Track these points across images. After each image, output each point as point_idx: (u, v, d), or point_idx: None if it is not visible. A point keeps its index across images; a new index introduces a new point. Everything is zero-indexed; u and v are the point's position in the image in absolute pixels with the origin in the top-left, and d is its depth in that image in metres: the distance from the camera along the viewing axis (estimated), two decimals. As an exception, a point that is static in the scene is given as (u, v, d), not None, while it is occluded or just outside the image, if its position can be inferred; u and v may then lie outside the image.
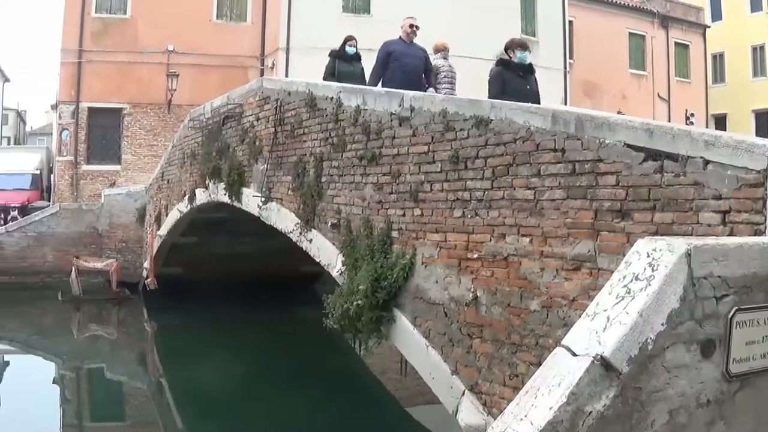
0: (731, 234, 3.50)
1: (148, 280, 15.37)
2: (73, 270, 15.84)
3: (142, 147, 21.72)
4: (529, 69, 7.84)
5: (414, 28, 8.98)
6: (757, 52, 33.13)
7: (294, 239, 8.48)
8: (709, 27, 32.66)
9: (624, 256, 2.67)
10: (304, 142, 8.37)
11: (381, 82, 8.57)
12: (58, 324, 15.72)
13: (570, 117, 4.61)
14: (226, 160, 10.93)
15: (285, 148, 8.90)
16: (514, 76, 7.53)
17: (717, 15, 34.25)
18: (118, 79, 21.26)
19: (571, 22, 25.44)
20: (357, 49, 9.59)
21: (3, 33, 75.47)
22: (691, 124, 26.24)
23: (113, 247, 17.27)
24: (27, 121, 56.72)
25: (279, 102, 9.11)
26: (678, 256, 2.40)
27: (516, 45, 7.87)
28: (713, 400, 2.49)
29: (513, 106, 5.20)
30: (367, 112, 6.95)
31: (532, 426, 2.19)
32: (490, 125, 5.24)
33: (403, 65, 8.64)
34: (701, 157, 3.72)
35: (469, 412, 5.25)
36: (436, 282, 5.74)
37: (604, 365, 2.25)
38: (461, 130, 5.54)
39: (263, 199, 9.37)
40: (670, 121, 25.95)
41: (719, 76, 34.15)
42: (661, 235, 3.76)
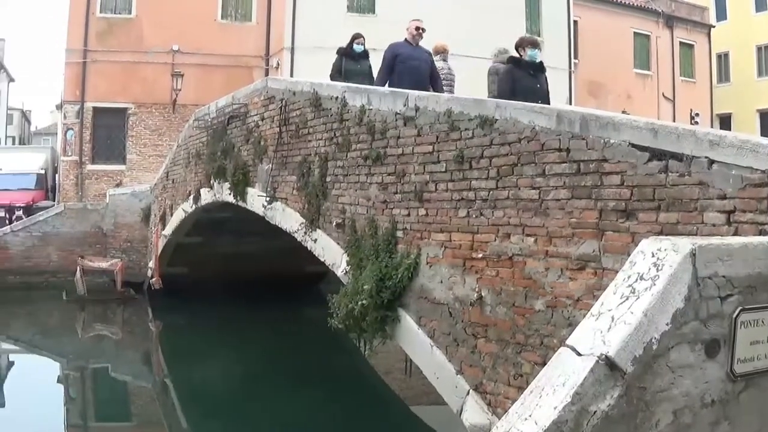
0: (736, 234, 3.49)
1: (153, 279, 15.40)
2: (77, 270, 15.86)
3: (147, 147, 21.78)
4: (539, 67, 7.74)
5: (420, 31, 8.85)
6: (762, 51, 33.04)
7: (299, 239, 8.47)
8: (713, 26, 32.60)
9: (629, 255, 2.66)
10: (309, 141, 8.37)
11: (387, 85, 8.52)
12: (62, 324, 15.72)
13: (575, 117, 4.60)
14: (231, 159, 10.94)
15: (290, 148, 8.90)
16: (524, 75, 7.46)
17: (722, 15, 34.21)
18: (123, 78, 21.31)
19: (576, 22, 25.39)
20: (365, 47, 9.57)
21: (8, 33, 75.79)
22: (696, 123, 26.15)
23: (118, 247, 17.26)
24: (32, 121, 56.99)
25: (284, 102, 9.11)
26: (683, 256, 2.40)
27: (527, 43, 7.75)
28: (718, 400, 2.49)
29: (518, 105, 5.20)
30: (372, 111, 6.94)
31: (536, 426, 2.19)
32: (494, 125, 5.24)
33: (410, 68, 8.52)
34: (706, 157, 3.71)
35: (473, 412, 5.24)
36: (441, 282, 5.73)
37: (608, 365, 2.25)
38: (466, 129, 5.53)
39: (268, 198, 9.37)
40: (674, 120, 25.88)
41: (724, 75, 34.09)
42: (666, 234, 3.76)
